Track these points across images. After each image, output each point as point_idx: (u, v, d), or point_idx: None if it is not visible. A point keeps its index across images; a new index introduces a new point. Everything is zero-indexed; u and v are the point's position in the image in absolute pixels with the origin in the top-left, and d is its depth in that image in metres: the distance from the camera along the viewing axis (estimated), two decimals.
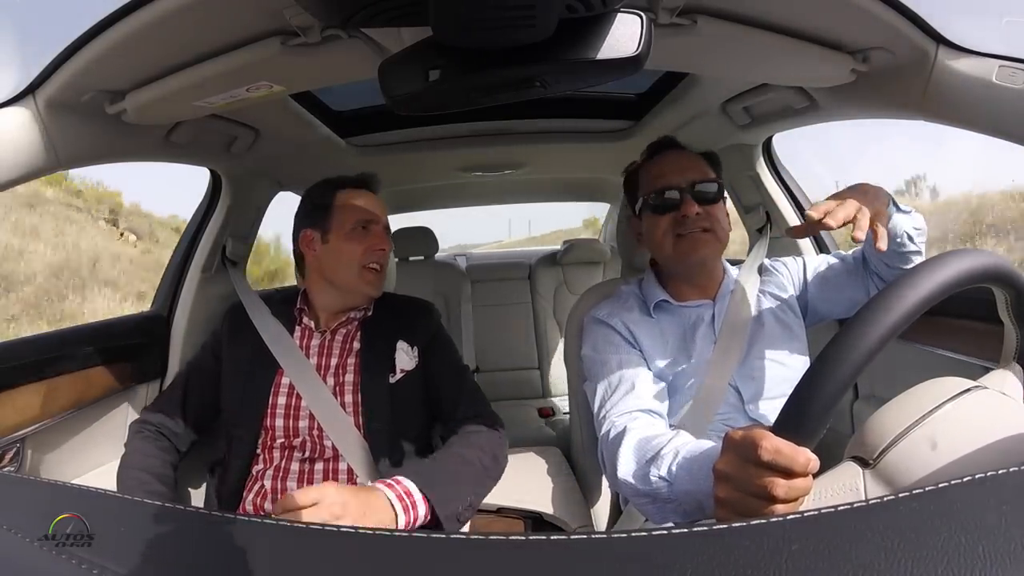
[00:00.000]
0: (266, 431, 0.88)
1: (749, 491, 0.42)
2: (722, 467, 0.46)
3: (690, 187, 0.85)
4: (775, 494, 0.40)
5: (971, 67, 0.69)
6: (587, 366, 0.88)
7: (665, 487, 0.61)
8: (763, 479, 0.41)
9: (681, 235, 0.85)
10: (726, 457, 0.46)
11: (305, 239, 0.96)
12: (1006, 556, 0.25)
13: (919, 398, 0.44)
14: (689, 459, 0.59)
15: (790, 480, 0.40)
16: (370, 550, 0.32)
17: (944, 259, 0.42)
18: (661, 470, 0.62)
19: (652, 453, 0.64)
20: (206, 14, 0.59)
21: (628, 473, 0.67)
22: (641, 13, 0.48)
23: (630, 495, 0.68)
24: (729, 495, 0.45)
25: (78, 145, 0.77)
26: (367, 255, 0.92)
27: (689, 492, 0.58)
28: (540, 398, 2.20)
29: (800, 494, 0.41)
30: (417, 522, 0.70)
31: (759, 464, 0.41)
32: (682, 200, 0.85)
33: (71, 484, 0.44)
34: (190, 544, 0.35)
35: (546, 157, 1.66)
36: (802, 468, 0.40)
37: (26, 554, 0.33)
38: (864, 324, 0.40)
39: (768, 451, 0.40)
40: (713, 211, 0.86)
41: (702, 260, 0.87)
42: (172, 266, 1.23)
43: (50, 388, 0.91)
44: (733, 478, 0.44)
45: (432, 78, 0.50)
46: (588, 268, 2.28)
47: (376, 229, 0.95)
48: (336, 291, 0.95)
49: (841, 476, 0.42)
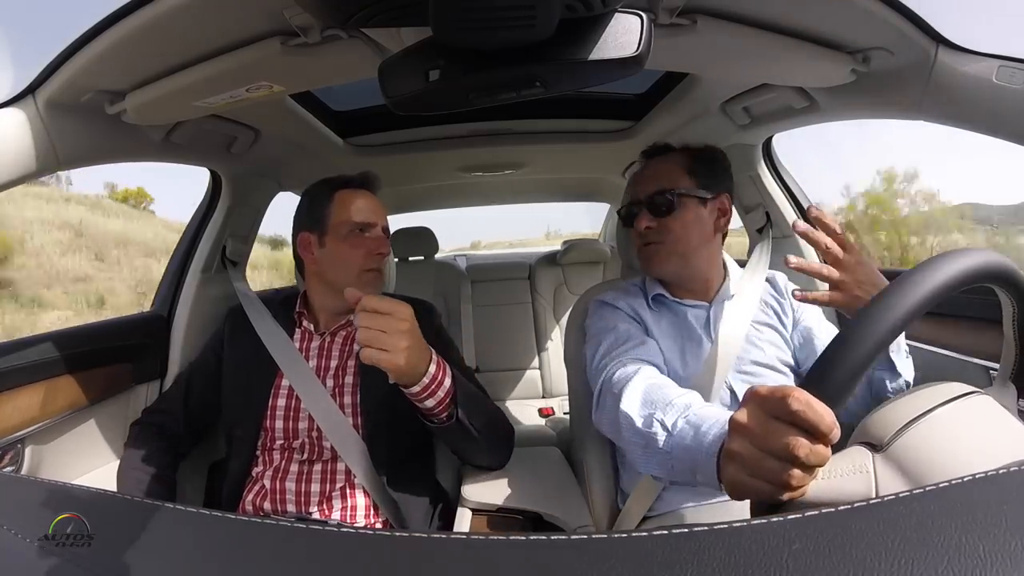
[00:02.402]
0: (265, 432, 0.88)
1: (768, 448, 0.40)
2: (741, 419, 0.42)
3: (648, 199, 0.85)
4: (797, 454, 0.38)
5: (971, 67, 0.69)
6: (591, 333, 0.87)
7: (664, 437, 0.58)
8: (786, 436, 0.38)
9: (639, 246, 0.88)
10: (748, 410, 0.42)
11: (303, 242, 0.96)
12: (1006, 556, 0.25)
13: (928, 396, 0.44)
14: (699, 417, 0.55)
15: (813, 444, 0.38)
16: (370, 550, 0.32)
17: (979, 252, 0.44)
18: (666, 418, 0.58)
19: (662, 399, 0.62)
20: (206, 14, 0.59)
21: (631, 407, 0.64)
22: (641, 13, 0.47)
23: (624, 431, 0.64)
24: (744, 450, 0.41)
25: (78, 145, 0.78)
26: (366, 259, 0.91)
27: (688, 450, 0.54)
28: (540, 398, 2.20)
29: (819, 462, 0.39)
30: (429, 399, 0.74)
31: (784, 419, 0.39)
32: (639, 214, 0.87)
33: (71, 484, 0.43)
34: (190, 544, 0.35)
35: (546, 157, 1.66)
36: (828, 428, 0.38)
37: (26, 554, 0.33)
38: (898, 293, 0.41)
39: (799, 401, 0.38)
40: (667, 223, 0.84)
41: (656, 269, 0.88)
42: (172, 266, 1.23)
43: (50, 388, 0.91)
44: (752, 433, 0.41)
45: (432, 78, 0.50)
46: (588, 268, 2.28)
47: (374, 232, 0.94)
48: (335, 294, 0.94)
49: (851, 458, 0.42)
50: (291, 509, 0.83)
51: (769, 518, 0.29)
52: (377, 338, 0.66)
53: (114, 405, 1.05)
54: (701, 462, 0.51)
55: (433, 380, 0.74)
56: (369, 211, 0.94)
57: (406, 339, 0.67)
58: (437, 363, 0.75)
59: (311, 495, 0.83)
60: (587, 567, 0.27)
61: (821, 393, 0.39)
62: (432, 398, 0.74)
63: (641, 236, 0.87)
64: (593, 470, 0.93)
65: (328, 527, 0.33)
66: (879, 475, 0.39)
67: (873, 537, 0.27)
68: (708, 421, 0.53)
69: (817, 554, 0.26)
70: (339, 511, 0.83)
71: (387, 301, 0.68)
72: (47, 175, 0.76)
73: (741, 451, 0.42)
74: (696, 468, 0.53)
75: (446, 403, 0.76)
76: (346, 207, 0.93)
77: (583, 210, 3.06)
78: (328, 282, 0.94)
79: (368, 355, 0.66)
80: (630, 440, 0.64)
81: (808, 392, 0.39)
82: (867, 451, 0.42)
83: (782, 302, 0.92)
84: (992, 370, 0.84)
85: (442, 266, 2.25)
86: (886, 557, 0.25)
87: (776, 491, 0.40)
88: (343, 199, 0.94)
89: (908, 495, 0.30)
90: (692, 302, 0.89)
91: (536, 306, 2.28)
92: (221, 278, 1.23)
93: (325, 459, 0.86)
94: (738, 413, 0.43)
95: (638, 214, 0.87)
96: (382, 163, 1.49)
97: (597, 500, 0.92)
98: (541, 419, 1.98)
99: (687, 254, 0.86)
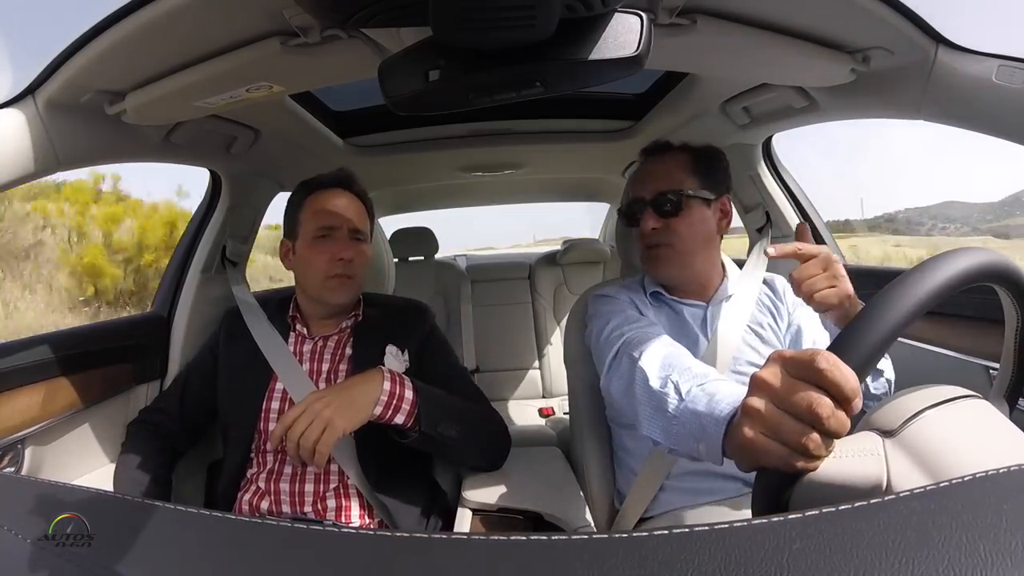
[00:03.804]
0: (259, 435, 0.88)
1: (790, 407, 0.38)
2: (765, 376, 0.41)
3: (653, 200, 0.84)
4: (820, 412, 0.36)
5: (971, 67, 0.69)
6: (596, 316, 0.87)
7: (676, 400, 0.57)
8: (811, 395, 0.37)
9: (643, 247, 0.87)
10: (771, 369, 0.41)
11: (283, 250, 0.97)
12: (1006, 556, 0.25)
13: (932, 394, 0.44)
14: (715, 387, 0.55)
15: (835, 408, 0.37)
16: (370, 550, 0.32)
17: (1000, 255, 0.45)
18: (682, 383, 0.58)
19: (680, 365, 0.61)
20: (206, 14, 0.59)
21: (650, 366, 0.64)
22: (641, 13, 0.47)
23: (638, 389, 0.64)
24: (763, 408, 0.40)
25: (78, 145, 0.77)
26: (329, 265, 0.89)
27: (698, 415, 0.53)
28: (540, 398, 2.20)
29: (839, 428, 0.37)
30: (395, 415, 0.75)
31: (810, 379, 0.38)
32: (643, 214, 0.85)
33: (71, 484, 0.43)
34: (189, 544, 0.35)
35: (546, 157, 1.66)
36: (852, 392, 0.37)
37: (26, 554, 0.33)
38: (925, 273, 0.41)
39: (827, 360, 0.37)
40: (673, 224, 0.84)
41: (661, 270, 0.87)
42: (172, 267, 1.23)
43: (50, 388, 0.91)
44: (775, 390, 0.40)
45: (432, 78, 0.50)
46: (588, 268, 2.28)
47: (338, 236, 0.91)
48: (314, 301, 0.95)
49: (861, 441, 0.41)
50: (286, 510, 0.83)
51: (769, 518, 0.29)
52: (307, 438, 0.68)
53: (114, 406, 1.05)
54: (709, 428, 0.50)
55: (392, 396, 0.74)
56: (334, 212, 0.92)
57: (327, 409, 0.69)
58: (391, 378, 0.75)
59: (305, 495, 0.83)
60: (587, 567, 0.27)
61: (846, 358, 0.39)
62: (399, 413, 0.75)
63: (646, 238, 0.86)
64: (593, 470, 0.93)
65: (327, 527, 0.33)
66: (890, 458, 0.39)
67: (873, 537, 0.27)
68: (723, 391, 0.53)
69: (817, 554, 0.26)
70: (333, 512, 0.83)
71: (289, 413, 0.70)
72: (47, 175, 0.75)
73: (760, 409, 0.40)
74: (702, 435, 0.51)
75: (415, 415, 0.76)
76: (312, 210, 0.92)
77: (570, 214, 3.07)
78: (304, 289, 0.95)
79: (319, 453, 0.68)
80: (642, 398, 0.63)
81: None
82: (877, 436, 0.41)
83: (779, 305, 0.92)
84: (992, 369, 0.84)
85: (442, 266, 2.25)
86: (886, 557, 0.25)
87: (791, 456, 0.38)
88: (311, 202, 0.93)
89: (908, 495, 0.30)
90: (690, 301, 0.90)
91: (536, 306, 2.28)
92: (221, 279, 1.23)
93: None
94: (761, 371, 0.42)
95: (642, 214, 0.86)
96: (382, 163, 1.49)
97: (597, 500, 0.92)
98: (541, 419, 1.98)
99: (691, 256, 0.86)
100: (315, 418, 0.69)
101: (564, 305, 2.24)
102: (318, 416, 0.69)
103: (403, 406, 0.75)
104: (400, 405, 0.75)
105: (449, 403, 0.83)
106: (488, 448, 0.91)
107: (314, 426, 0.68)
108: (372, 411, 0.73)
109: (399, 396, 0.75)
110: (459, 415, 0.83)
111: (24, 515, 0.38)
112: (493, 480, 0.90)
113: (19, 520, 0.36)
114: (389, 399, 0.74)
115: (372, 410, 0.73)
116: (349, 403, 0.72)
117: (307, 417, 0.69)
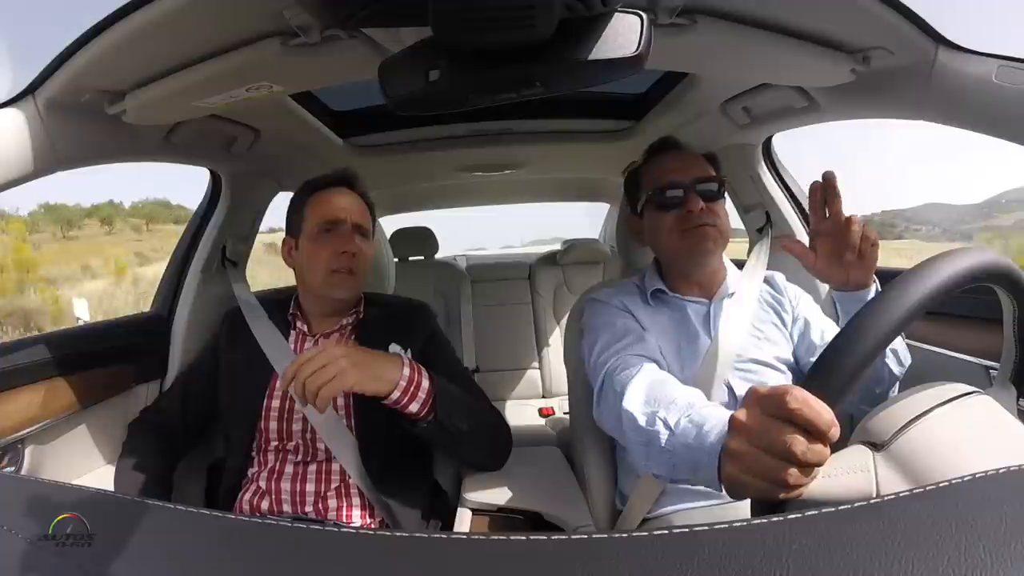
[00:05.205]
0: (260, 434, 0.88)
1: (766, 446, 0.40)
2: (741, 418, 0.44)
3: (693, 184, 0.85)
4: (794, 450, 0.38)
5: (971, 67, 0.68)
6: (588, 330, 0.87)
7: (666, 436, 0.58)
8: (784, 434, 0.39)
9: (687, 230, 0.86)
10: (748, 410, 0.43)
11: (285, 247, 0.97)
12: (1006, 556, 0.25)
13: (928, 396, 0.44)
14: (701, 416, 0.55)
15: (811, 443, 0.39)
16: (370, 550, 0.32)
17: (979, 251, 0.45)
18: (669, 417, 0.59)
19: (664, 397, 0.62)
20: (206, 14, 0.59)
21: (634, 405, 0.64)
22: (641, 13, 0.47)
23: (627, 429, 0.64)
24: (743, 448, 0.42)
25: (78, 145, 0.77)
26: (332, 259, 0.90)
27: (690, 448, 0.54)
28: (540, 398, 2.20)
29: (817, 461, 0.39)
30: (411, 402, 0.74)
31: (783, 418, 0.39)
32: (686, 197, 0.85)
33: (71, 484, 0.43)
34: (189, 544, 0.35)
35: (546, 157, 1.66)
36: (826, 426, 0.38)
37: (26, 554, 0.33)
38: (898, 291, 0.41)
39: (797, 399, 0.39)
40: (715, 208, 0.86)
41: (709, 252, 0.87)
42: (172, 266, 1.23)
43: (50, 388, 0.91)
44: (751, 431, 0.42)
45: (432, 78, 0.50)
46: (588, 268, 2.28)
47: (341, 231, 0.91)
48: (316, 298, 0.95)
49: (851, 457, 0.42)
50: (287, 509, 0.83)
51: (769, 518, 0.29)
52: (316, 379, 0.66)
53: (114, 405, 1.05)
54: (703, 461, 0.51)
55: (410, 382, 0.74)
56: (338, 207, 0.93)
57: (344, 359, 0.68)
58: (410, 365, 0.75)
59: (306, 495, 0.83)
60: (587, 567, 0.27)
61: (821, 392, 0.40)
62: (415, 401, 0.74)
63: (688, 219, 0.85)
64: (593, 470, 0.93)
65: (328, 527, 0.33)
66: (880, 474, 0.40)
67: (873, 537, 0.27)
68: (711, 421, 0.53)
69: (817, 554, 0.26)
70: (334, 511, 0.83)
71: (308, 351, 0.69)
72: (47, 175, 0.75)
73: (740, 449, 0.43)
74: (697, 467, 0.52)
75: (429, 404, 0.76)
76: (315, 207, 0.93)
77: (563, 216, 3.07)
78: (306, 285, 0.95)
79: (322, 396, 0.66)
80: (632, 438, 0.64)
81: (808, 391, 0.40)
82: (868, 450, 0.42)
83: (781, 300, 0.92)
84: (992, 370, 0.84)
85: (442, 266, 2.25)
86: (886, 557, 0.25)
87: (774, 490, 0.40)
88: (315, 200, 0.94)
89: (908, 495, 0.30)
90: (693, 298, 0.90)
91: (536, 306, 2.28)
92: (221, 278, 1.22)
93: (320, 460, 0.86)
94: (738, 412, 0.44)
95: (684, 196, 0.85)
96: (382, 163, 1.49)
97: (597, 500, 0.92)
98: (541, 419, 1.98)
99: (727, 241, 0.88)
100: (330, 362, 0.67)
101: (564, 305, 2.24)
102: (333, 361, 0.67)
103: (419, 394, 0.75)
104: (416, 393, 0.74)
105: (460, 397, 0.84)
106: (493, 446, 0.92)
107: (327, 369, 0.66)
108: (390, 389, 0.72)
109: (416, 383, 0.75)
110: (469, 410, 0.84)
111: (24, 515, 0.38)
112: (493, 480, 0.90)
113: (19, 520, 0.36)
114: (408, 384, 0.74)
115: (389, 388, 0.72)
116: (367, 365, 0.71)
117: (322, 359, 0.67)
